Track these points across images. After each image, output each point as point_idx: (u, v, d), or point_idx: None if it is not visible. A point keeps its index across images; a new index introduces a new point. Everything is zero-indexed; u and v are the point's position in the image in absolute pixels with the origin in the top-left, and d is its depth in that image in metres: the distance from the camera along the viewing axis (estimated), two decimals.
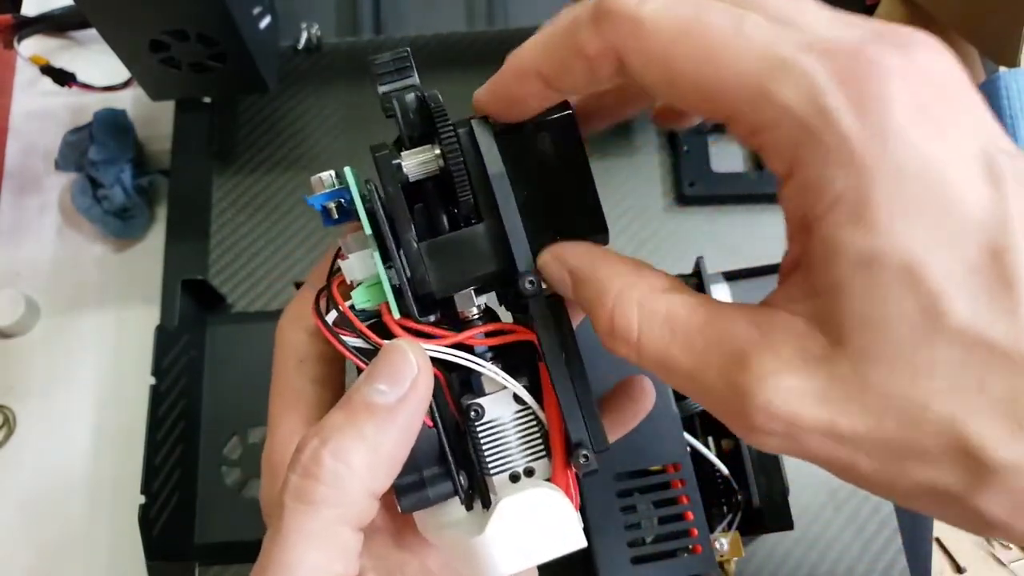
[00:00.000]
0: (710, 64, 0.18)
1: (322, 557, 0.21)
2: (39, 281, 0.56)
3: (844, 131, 0.16)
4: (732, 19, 0.18)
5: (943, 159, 0.16)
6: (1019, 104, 0.56)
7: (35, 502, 0.51)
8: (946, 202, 0.16)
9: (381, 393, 0.22)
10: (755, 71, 0.17)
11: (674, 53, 0.18)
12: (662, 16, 0.18)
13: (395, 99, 0.23)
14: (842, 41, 0.17)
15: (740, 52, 0.17)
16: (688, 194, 0.55)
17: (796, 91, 0.17)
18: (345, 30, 0.61)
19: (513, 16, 0.62)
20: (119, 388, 0.53)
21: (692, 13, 0.18)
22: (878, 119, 0.16)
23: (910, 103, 0.16)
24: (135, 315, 0.54)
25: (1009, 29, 0.55)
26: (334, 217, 0.24)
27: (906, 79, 0.16)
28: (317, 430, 0.22)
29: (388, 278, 0.23)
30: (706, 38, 0.18)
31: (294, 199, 0.56)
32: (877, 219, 0.16)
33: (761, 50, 0.17)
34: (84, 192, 0.55)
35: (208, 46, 0.47)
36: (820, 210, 0.17)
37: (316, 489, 0.21)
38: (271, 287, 0.53)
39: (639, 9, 0.18)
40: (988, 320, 0.15)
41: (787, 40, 0.17)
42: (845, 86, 0.16)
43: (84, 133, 0.56)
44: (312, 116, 0.58)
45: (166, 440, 0.46)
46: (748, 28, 0.17)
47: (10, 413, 0.52)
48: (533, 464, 0.25)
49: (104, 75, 0.59)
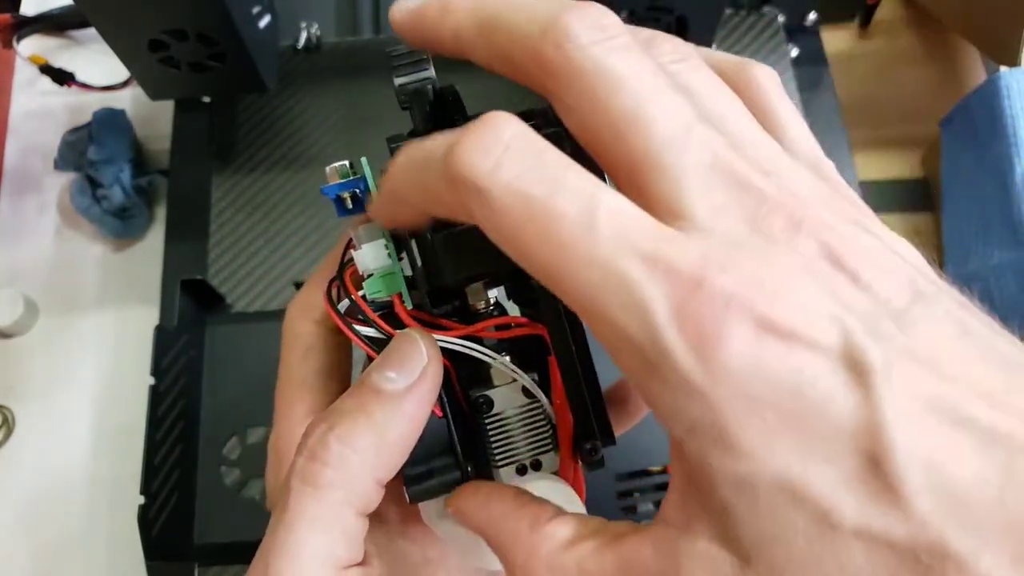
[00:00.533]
0: (557, 259, 0.16)
1: (326, 540, 0.21)
2: (38, 281, 0.56)
3: (685, 373, 0.15)
4: (583, 206, 0.16)
5: (796, 369, 0.15)
6: (1019, 104, 0.56)
7: (34, 502, 0.51)
8: (809, 417, 0.15)
9: (390, 380, 0.22)
10: (597, 283, 0.16)
11: (523, 238, 0.17)
12: (512, 195, 0.17)
13: (413, 91, 0.24)
14: (684, 262, 0.16)
15: (584, 255, 0.16)
16: None
17: (636, 324, 0.16)
18: (345, 30, 0.61)
19: None
20: (118, 388, 0.53)
21: (543, 194, 0.16)
22: (718, 359, 0.15)
23: (744, 331, 0.15)
24: (134, 315, 0.54)
25: (1009, 29, 0.55)
26: (348, 207, 0.24)
27: (740, 302, 0.15)
28: (326, 415, 0.22)
29: (401, 269, 0.23)
30: (554, 230, 0.16)
31: (294, 199, 0.56)
32: (740, 445, 0.15)
33: (605, 258, 0.16)
34: (83, 192, 0.55)
35: (207, 46, 0.46)
36: (680, 433, 0.16)
37: (322, 472, 0.21)
38: (271, 287, 0.53)
39: (489, 179, 0.17)
40: (883, 522, 0.15)
41: (631, 247, 0.16)
42: (683, 323, 0.15)
43: (83, 133, 0.56)
44: (311, 116, 0.58)
45: (165, 440, 0.46)
46: (596, 222, 0.16)
47: (9, 413, 0.52)
48: (540, 457, 0.25)
49: (103, 75, 0.59)
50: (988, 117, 0.58)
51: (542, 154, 0.17)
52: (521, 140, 0.17)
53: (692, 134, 0.17)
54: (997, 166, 0.57)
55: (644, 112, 0.17)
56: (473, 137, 0.17)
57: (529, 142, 0.17)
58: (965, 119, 0.61)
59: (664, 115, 0.17)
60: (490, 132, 0.17)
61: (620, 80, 0.18)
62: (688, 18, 0.48)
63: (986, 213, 0.58)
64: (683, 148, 0.17)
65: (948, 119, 0.63)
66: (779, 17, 0.60)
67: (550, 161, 0.17)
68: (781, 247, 0.16)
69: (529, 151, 0.17)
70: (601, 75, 0.18)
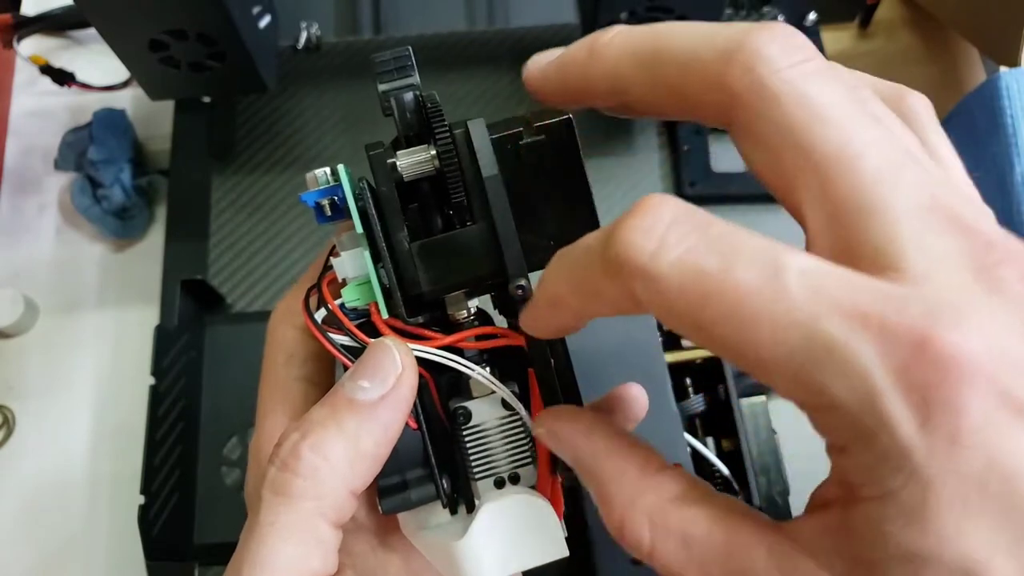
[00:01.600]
0: (744, 333, 0.15)
1: (298, 551, 0.21)
2: (38, 281, 0.56)
3: (904, 443, 0.14)
4: (766, 274, 0.15)
5: (1014, 454, 0.14)
6: (1019, 104, 0.56)
7: (34, 502, 0.51)
8: (1012, 504, 0.14)
9: (363, 390, 0.22)
10: (798, 350, 0.14)
11: (701, 317, 0.15)
12: (682, 272, 0.15)
13: (393, 98, 0.23)
14: (904, 317, 0.14)
15: (778, 323, 0.14)
16: (688, 194, 0.54)
17: (848, 388, 0.14)
18: (345, 30, 0.61)
19: (513, 16, 0.62)
20: (118, 388, 0.53)
21: (718, 268, 0.15)
22: (946, 432, 0.14)
23: (983, 406, 0.14)
24: (134, 315, 0.54)
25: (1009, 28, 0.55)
26: (327, 214, 0.24)
27: (981, 372, 0.14)
28: (298, 424, 0.22)
29: (378, 277, 0.23)
30: (737, 303, 0.15)
31: (293, 199, 0.56)
32: (934, 524, 0.14)
33: (804, 323, 0.14)
34: (83, 192, 0.55)
35: (207, 45, 0.46)
36: (869, 494, 0.15)
37: (293, 482, 0.21)
38: (270, 287, 0.53)
39: (654, 264, 0.15)
40: None
41: (834, 306, 0.14)
42: (907, 390, 0.14)
43: (83, 133, 0.56)
44: (311, 116, 0.58)
45: (165, 440, 0.46)
46: (786, 287, 0.15)
47: (9, 413, 0.52)
48: (519, 471, 0.24)
49: (103, 75, 0.59)
50: (988, 117, 0.58)
51: (709, 226, 0.16)
52: (684, 215, 0.16)
53: (904, 172, 0.16)
54: (997, 166, 0.57)
55: (852, 147, 0.16)
56: (632, 221, 0.16)
57: (693, 215, 0.16)
58: (965, 119, 0.61)
59: (873, 150, 0.16)
60: (649, 214, 0.16)
61: (822, 109, 0.16)
62: (688, 18, 0.48)
63: None
64: (896, 187, 0.15)
65: (948, 119, 0.63)
66: (779, 17, 0.60)
67: (719, 232, 0.16)
68: (1020, 304, 0.15)
69: (694, 224, 0.16)
70: (801, 103, 0.16)
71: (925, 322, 0.14)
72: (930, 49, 0.69)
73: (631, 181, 0.56)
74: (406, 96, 0.23)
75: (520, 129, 0.23)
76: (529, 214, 0.23)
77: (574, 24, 0.60)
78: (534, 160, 0.23)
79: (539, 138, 0.23)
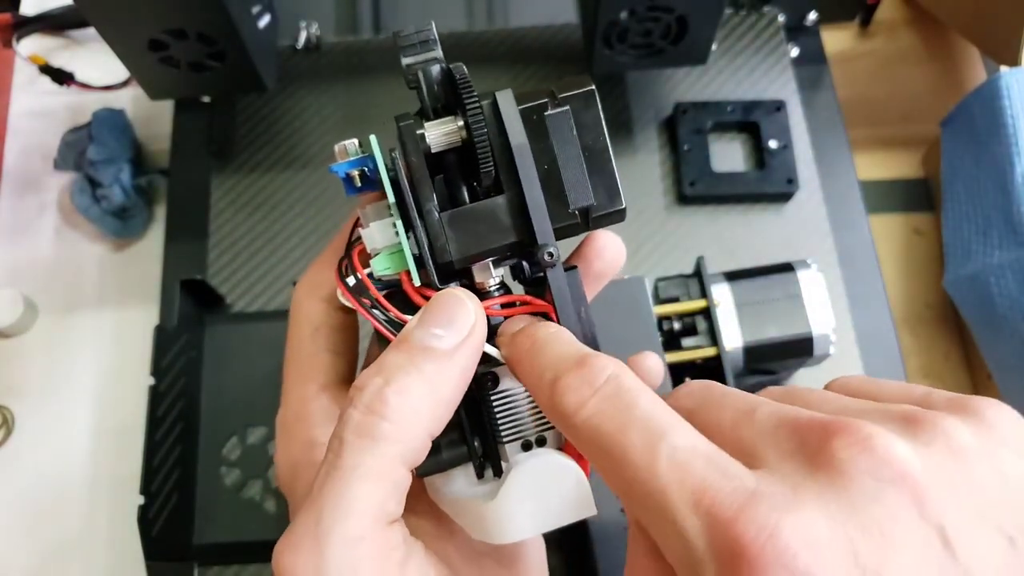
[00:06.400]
0: (622, 483, 0.19)
1: (380, 494, 0.21)
2: (38, 281, 0.56)
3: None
4: (648, 443, 0.18)
5: None
6: (1019, 104, 0.56)
7: (34, 502, 0.51)
8: None
9: (438, 338, 0.22)
10: (653, 510, 0.18)
11: (598, 463, 0.20)
12: (590, 427, 0.20)
13: (420, 70, 0.24)
14: (727, 504, 0.17)
15: (644, 486, 0.18)
16: (688, 194, 0.55)
17: (677, 551, 0.17)
18: (344, 29, 0.61)
19: (513, 16, 0.62)
20: (118, 388, 0.53)
21: (614, 429, 0.19)
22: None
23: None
24: (134, 315, 0.54)
25: (1009, 29, 0.55)
26: (357, 185, 0.24)
27: (780, 559, 0.16)
28: (377, 369, 0.22)
29: (409, 246, 0.24)
30: (622, 460, 0.19)
31: (293, 199, 0.56)
32: None
33: (660, 491, 0.18)
34: (83, 192, 0.55)
35: (207, 45, 0.46)
36: None
37: (380, 425, 0.21)
38: (270, 287, 0.53)
39: (575, 416, 0.20)
40: None
41: (684, 483, 0.18)
42: (720, 566, 0.16)
43: (83, 132, 0.56)
44: (311, 115, 0.58)
45: (165, 440, 0.46)
46: (656, 459, 0.18)
47: (9, 413, 0.52)
48: (545, 433, 0.25)
49: (103, 74, 0.59)
50: (988, 117, 0.58)
51: (624, 394, 0.20)
52: (613, 383, 0.20)
53: None
54: (997, 166, 0.57)
55: None
56: (574, 377, 0.20)
57: (619, 384, 0.20)
58: (965, 119, 0.61)
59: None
60: (591, 373, 0.20)
61: None
62: (688, 18, 0.48)
63: (986, 213, 0.58)
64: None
65: (948, 119, 0.63)
66: (779, 17, 0.60)
67: (629, 401, 0.19)
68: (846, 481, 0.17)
69: (613, 389, 0.20)
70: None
71: (746, 509, 0.17)
72: (930, 49, 0.69)
73: (632, 181, 0.56)
74: (432, 69, 0.24)
75: (545, 100, 0.24)
76: (554, 183, 0.24)
77: (574, 24, 0.60)
78: (559, 130, 0.23)
79: (564, 108, 0.23)
